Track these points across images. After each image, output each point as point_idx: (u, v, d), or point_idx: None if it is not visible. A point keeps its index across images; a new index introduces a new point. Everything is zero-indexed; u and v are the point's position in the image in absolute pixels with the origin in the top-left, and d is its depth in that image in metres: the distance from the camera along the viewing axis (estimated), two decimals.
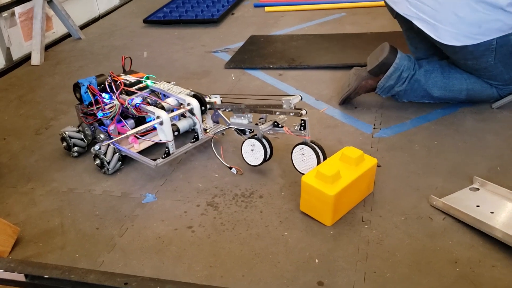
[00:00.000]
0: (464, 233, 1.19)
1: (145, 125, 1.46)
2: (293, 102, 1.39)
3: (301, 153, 1.39)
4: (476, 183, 1.32)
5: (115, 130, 1.58)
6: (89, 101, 1.59)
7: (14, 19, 2.57)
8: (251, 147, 1.45)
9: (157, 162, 1.47)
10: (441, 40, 1.58)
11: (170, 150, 1.49)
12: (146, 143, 1.60)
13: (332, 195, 1.20)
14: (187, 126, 1.53)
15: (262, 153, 1.43)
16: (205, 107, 1.56)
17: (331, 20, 2.77)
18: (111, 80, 1.61)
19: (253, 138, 1.44)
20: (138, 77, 1.69)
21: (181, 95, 1.56)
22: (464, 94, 1.69)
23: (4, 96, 2.19)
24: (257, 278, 1.12)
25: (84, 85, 1.58)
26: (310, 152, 1.36)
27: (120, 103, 1.54)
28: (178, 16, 2.98)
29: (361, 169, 1.27)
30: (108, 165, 1.51)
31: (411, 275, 1.09)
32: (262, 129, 1.43)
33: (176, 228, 1.29)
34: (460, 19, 1.52)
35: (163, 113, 1.46)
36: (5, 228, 1.26)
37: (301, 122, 1.37)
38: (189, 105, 1.53)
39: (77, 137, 1.63)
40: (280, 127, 1.43)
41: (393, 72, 1.66)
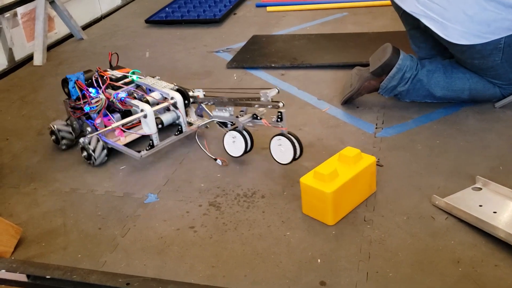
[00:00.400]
0: (467, 232, 1.18)
1: (129, 118, 1.53)
2: (270, 95, 1.44)
3: (279, 143, 1.44)
4: (479, 182, 1.32)
5: (101, 123, 1.62)
6: (76, 96, 1.65)
7: (17, 20, 2.58)
8: (232, 139, 1.50)
9: (142, 153, 1.52)
10: (449, 39, 1.56)
11: (154, 142, 1.55)
12: (132, 136, 1.65)
13: (330, 193, 1.20)
14: (170, 119, 1.59)
15: (242, 144, 1.48)
16: (188, 101, 1.62)
17: (333, 19, 2.77)
18: (97, 75, 1.66)
19: (234, 130, 1.50)
20: (124, 72, 1.75)
21: (165, 89, 1.62)
22: (466, 93, 1.69)
23: (7, 97, 2.19)
24: (259, 278, 1.11)
25: (72, 80, 1.64)
26: (287, 142, 1.41)
27: (106, 97, 1.60)
28: (180, 16, 2.98)
29: (359, 167, 1.28)
30: (94, 157, 1.55)
31: (414, 274, 1.08)
32: (242, 121, 1.49)
33: (178, 228, 1.29)
34: (469, 17, 1.51)
35: (146, 107, 1.52)
36: (7, 229, 1.26)
37: (278, 114, 1.42)
38: (172, 99, 1.59)
39: (66, 130, 1.67)
40: (259, 119, 1.48)
41: (396, 73, 1.66)
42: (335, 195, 1.21)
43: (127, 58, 2.50)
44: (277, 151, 1.45)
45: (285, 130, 1.42)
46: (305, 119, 1.76)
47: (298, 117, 1.78)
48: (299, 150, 1.42)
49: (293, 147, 1.41)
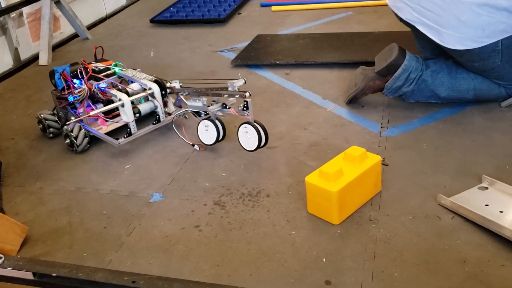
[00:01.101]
0: (473, 232, 1.18)
1: (107, 107, 1.62)
2: (237, 85, 1.52)
3: (245, 131, 1.50)
4: (485, 182, 1.31)
5: (84, 112, 1.68)
6: (62, 87, 1.72)
7: (22, 20, 2.59)
8: (205, 127, 1.58)
9: (120, 141, 1.61)
10: (445, 45, 1.58)
11: (132, 130, 1.63)
12: (114, 125, 1.73)
13: (335, 192, 1.20)
14: (148, 108, 1.67)
15: (214, 133, 1.56)
16: (165, 91, 1.70)
17: (338, 19, 2.76)
18: (82, 67, 1.75)
19: (207, 120, 1.57)
20: (107, 65, 1.83)
21: (144, 80, 1.71)
22: (471, 94, 1.68)
23: (13, 96, 2.20)
24: (264, 277, 1.11)
25: (58, 72, 1.72)
26: (252, 130, 1.48)
27: (88, 88, 1.67)
28: (185, 16, 2.98)
29: (364, 166, 1.27)
30: (75, 141, 1.63)
31: (420, 274, 1.08)
32: (212, 110, 1.56)
33: (183, 227, 1.29)
34: (463, 23, 1.52)
35: (124, 96, 1.61)
36: (13, 227, 1.26)
37: (244, 103, 1.48)
38: (150, 89, 1.67)
39: (52, 119, 1.76)
40: (227, 108, 1.55)
41: (401, 73, 1.65)
42: (340, 194, 1.21)
43: (132, 57, 2.51)
44: (244, 138, 1.51)
45: (251, 118, 1.49)
46: (310, 119, 1.76)
47: (303, 117, 1.77)
48: (264, 137, 1.49)
49: (258, 135, 1.47)
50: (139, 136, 1.67)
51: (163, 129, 1.76)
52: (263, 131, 1.49)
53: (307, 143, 1.61)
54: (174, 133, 1.70)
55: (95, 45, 1.99)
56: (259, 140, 1.48)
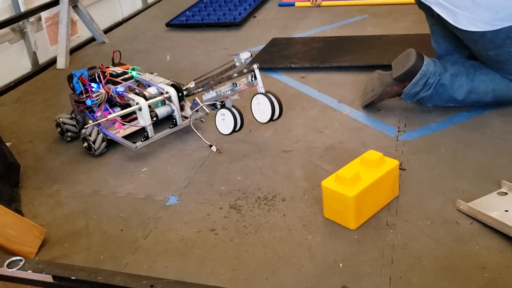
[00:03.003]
0: (492, 238, 1.16)
1: (124, 110, 1.62)
2: (243, 57, 1.51)
3: (257, 102, 1.49)
4: (504, 187, 1.30)
5: (101, 116, 1.69)
6: (80, 90, 1.74)
7: (41, 24, 2.62)
8: (221, 116, 1.57)
9: (137, 144, 1.62)
10: (459, 26, 1.58)
11: (149, 134, 1.65)
12: (131, 128, 1.73)
13: (352, 196, 1.19)
14: (165, 112, 1.68)
15: (231, 120, 1.55)
16: (182, 95, 1.71)
17: (353, 22, 2.75)
18: (99, 71, 1.75)
19: (223, 108, 1.57)
20: (125, 69, 1.84)
21: (161, 84, 1.71)
22: (490, 95, 1.66)
23: (31, 100, 2.23)
24: (280, 281, 1.11)
25: (76, 76, 1.73)
26: (265, 100, 1.47)
27: (105, 92, 1.69)
28: (201, 19, 3.00)
29: (381, 171, 1.26)
30: (93, 144, 1.64)
31: (438, 280, 1.07)
32: (223, 91, 1.55)
33: (200, 231, 1.30)
34: (477, 4, 1.52)
35: (141, 100, 1.62)
36: (32, 229, 1.28)
37: (252, 74, 1.47)
38: (167, 93, 1.68)
39: (70, 123, 1.78)
40: (238, 86, 1.54)
41: (419, 79, 1.64)
42: (357, 199, 1.20)
43: (148, 61, 2.53)
44: (257, 110, 1.50)
45: (261, 88, 1.47)
46: (326, 122, 1.75)
47: (319, 120, 1.77)
48: (278, 107, 1.46)
49: (271, 103, 1.45)
50: (156, 139, 1.68)
51: (179, 133, 1.77)
52: (276, 100, 1.46)
53: (323, 147, 1.61)
54: (190, 136, 1.71)
55: (112, 49, 2.01)
56: (273, 110, 1.45)
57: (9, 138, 1.88)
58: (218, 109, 1.61)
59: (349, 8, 2.99)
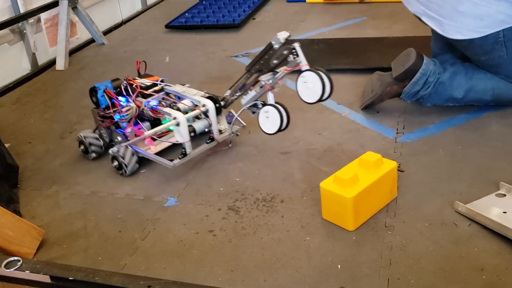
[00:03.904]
0: (491, 240, 1.16)
1: (162, 126, 1.50)
2: (282, 37, 1.35)
3: (304, 81, 1.34)
4: (503, 189, 1.30)
5: (132, 132, 1.59)
6: (106, 105, 1.61)
7: (40, 25, 2.62)
8: (265, 114, 1.44)
9: (175, 162, 1.49)
10: (445, 34, 1.60)
11: (187, 151, 1.51)
12: (162, 144, 1.61)
13: (350, 198, 1.19)
14: (202, 127, 1.55)
15: (277, 116, 1.41)
16: (220, 107, 1.59)
17: (352, 24, 2.75)
18: (126, 83, 1.64)
19: (265, 105, 1.44)
20: (154, 80, 1.72)
21: (196, 97, 1.59)
22: (489, 94, 1.66)
23: (30, 101, 2.23)
24: (278, 283, 1.11)
25: (101, 89, 1.61)
26: (312, 75, 1.30)
27: (136, 106, 1.57)
28: (200, 21, 3.00)
29: (380, 172, 1.27)
30: (126, 166, 1.53)
31: (436, 282, 1.07)
32: (264, 80, 1.42)
33: (198, 232, 1.30)
34: (462, 13, 1.54)
35: (179, 115, 1.48)
36: (30, 230, 1.28)
37: (293, 51, 1.33)
38: (204, 106, 1.55)
39: (94, 140, 1.65)
40: (279, 72, 1.40)
41: (419, 78, 1.64)
42: (355, 200, 1.20)
43: (148, 62, 2.51)
44: (304, 89, 1.33)
45: (306, 66, 1.32)
46: (325, 124, 1.75)
47: (317, 122, 1.77)
48: (328, 83, 1.29)
49: (320, 79, 1.28)
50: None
51: None
52: (325, 76, 1.30)
53: (321, 148, 1.61)
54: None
55: (137, 59, 1.82)
56: (323, 86, 1.28)
57: (8, 139, 1.88)
58: (259, 109, 1.49)
59: (348, 10, 3.00)
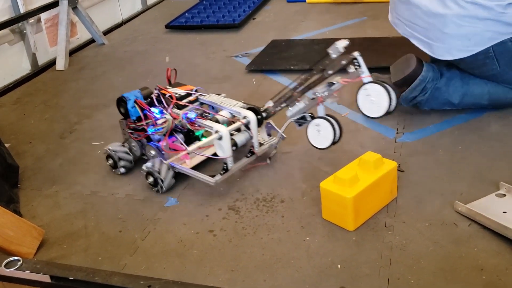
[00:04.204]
0: (490, 240, 1.16)
1: (203, 142, 1.38)
2: (341, 46, 1.23)
3: (366, 94, 1.23)
4: (503, 189, 1.30)
5: (167, 146, 1.48)
6: (137, 116, 1.51)
7: (40, 25, 2.63)
8: (315, 128, 1.33)
9: (216, 179, 1.40)
10: (435, 56, 1.62)
11: (228, 166, 1.41)
12: (198, 158, 1.50)
13: (350, 198, 1.19)
14: (244, 140, 1.45)
15: (329, 129, 1.29)
16: (262, 119, 1.47)
17: (352, 24, 2.76)
18: (158, 93, 1.53)
19: (315, 119, 1.33)
20: (187, 90, 1.60)
21: (235, 108, 1.49)
22: (486, 98, 1.66)
23: (30, 101, 2.23)
24: (278, 283, 1.11)
25: (131, 99, 1.50)
26: (377, 88, 1.18)
27: (173, 118, 1.46)
28: (200, 21, 3.00)
29: (379, 172, 1.27)
30: (162, 182, 1.43)
31: (436, 282, 1.07)
32: (319, 92, 1.29)
33: (198, 232, 1.30)
34: (448, 35, 1.55)
35: (222, 128, 1.37)
36: (30, 230, 1.28)
37: (354, 61, 1.21)
38: (245, 118, 1.45)
39: (124, 154, 1.55)
40: (336, 83, 1.28)
41: (418, 84, 1.65)
42: (355, 200, 1.20)
43: (148, 63, 2.53)
44: (367, 103, 1.23)
45: (369, 77, 1.22)
46: None
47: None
48: (394, 96, 1.18)
49: (386, 91, 1.16)
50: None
51: None
52: (391, 88, 1.19)
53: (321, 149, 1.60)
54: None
55: (168, 67, 1.69)
56: (389, 100, 1.18)
57: (8, 139, 1.88)
58: (307, 121, 1.40)
59: (348, 10, 3.00)
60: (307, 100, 1.39)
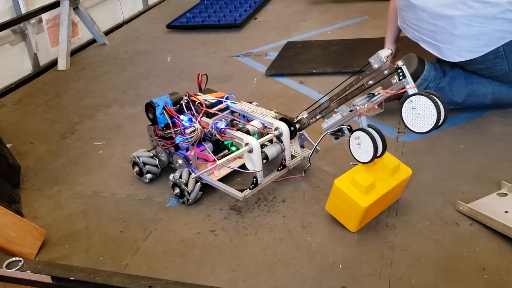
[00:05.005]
0: (492, 239, 1.16)
1: (234, 154, 1.30)
2: (384, 55, 1.18)
3: (412, 106, 1.14)
4: (504, 188, 1.29)
5: (195, 156, 1.43)
6: (165, 123, 1.45)
7: (42, 26, 2.63)
8: (356, 141, 1.25)
9: (245, 194, 1.34)
10: (445, 58, 1.61)
11: (258, 180, 1.34)
12: (227, 169, 1.44)
13: (364, 207, 1.17)
14: (275, 153, 1.38)
15: (369, 143, 1.21)
16: (295, 130, 1.41)
17: (353, 23, 2.75)
18: (188, 99, 1.47)
19: (356, 131, 1.26)
20: (217, 97, 1.54)
21: (267, 118, 1.41)
22: (490, 98, 1.66)
23: (31, 101, 2.23)
24: (280, 283, 1.11)
25: (160, 105, 1.44)
26: (424, 101, 1.10)
27: (202, 127, 1.40)
28: (201, 21, 3.00)
29: (395, 181, 1.23)
30: (189, 195, 1.39)
31: (438, 282, 1.06)
32: (357, 104, 1.23)
33: (199, 232, 1.30)
34: (457, 36, 1.55)
35: (253, 140, 1.30)
36: (31, 230, 1.28)
37: (398, 72, 1.17)
38: (277, 130, 1.38)
39: (152, 163, 1.50)
40: (376, 94, 1.22)
41: (420, 84, 1.65)
42: (368, 209, 1.18)
43: (149, 63, 2.53)
44: (412, 116, 1.15)
45: (414, 89, 1.15)
46: None
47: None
48: (443, 109, 1.11)
49: (436, 106, 1.08)
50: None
51: None
52: (441, 102, 1.11)
53: (323, 148, 1.60)
54: None
55: (199, 72, 1.61)
56: (438, 113, 1.09)
57: (9, 139, 1.88)
58: (344, 134, 1.33)
59: (350, 9, 3.00)
60: (344, 111, 1.32)
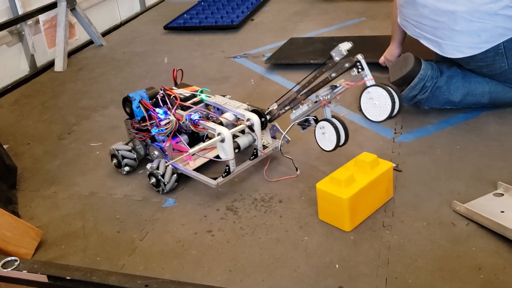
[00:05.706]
0: (488, 239, 1.16)
1: (206, 143, 1.38)
2: (344, 48, 1.24)
3: (369, 97, 1.22)
4: (500, 188, 1.30)
5: (170, 147, 1.48)
6: (141, 116, 1.51)
7: (39, 27, 2.63)
8: (321, 130, 1.35)
9: (218, 181, 1.39)
10: (445, 55, 1.61)
11: (230, 168, 1.41)
12: (202, 159, 1.50)
13: (346, 198, 1.19)
14: (247, 142, 1.45)
15: (333, 133, 1.31)
16: (266, 120, 1.47)
17: (351, 24, 2.76)
18: (163, 93, 1.53)
19: (320, 121, 1.34)
20: (192, 91, 1.60)
21: (240, 110, 1.48)
22: (487, 97, 1.67)
23: (28, 102, 2.23)
24: (277, 283, 1.11)
25: (136, 99, 1.50)
26: (380, 91, 1.18)
27: (176, 119, 1.46)
28: (198, 22, 3.00)
29: (375, 173, 1.26)
30: (164, 185, 1.43)
31: (434, 281, 1.07)
32: (321, 95, 1.31)
33: (196, 232, 1.30)
34: (458, 32, 1.55)
35: (224, 130, 1.36)
36: (28, 231, 1.28)
37: (357, 64, 1.23)
38: (248, 121, 1.44)
39: (129, 155, 1.55)
40: (338, 86, 1.29)
41: (417, 83, 1.65)
42: (351, 201, 1.20)
43: (146, 64, 2.53)
44: (370, 107, 1.22)
45: (371, 80, 1.22)
46: None
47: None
48: (398, 100, 1.19)
49: (389, 94, 1.16)
50: None
51: None
52: (394, 92, 1.19)
53: (319, 148, 1.60)
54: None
55: (174, 68, 1.69)
56: (392, 103, 1.17)
57: (6, 140, 1.88)
58: (310, 124, 1.41)
59: (347, 10, 3.01)
60: (310, 103, 1.39)
